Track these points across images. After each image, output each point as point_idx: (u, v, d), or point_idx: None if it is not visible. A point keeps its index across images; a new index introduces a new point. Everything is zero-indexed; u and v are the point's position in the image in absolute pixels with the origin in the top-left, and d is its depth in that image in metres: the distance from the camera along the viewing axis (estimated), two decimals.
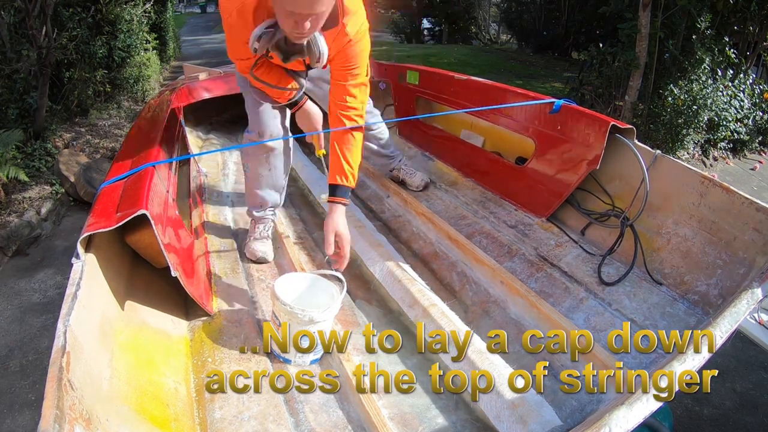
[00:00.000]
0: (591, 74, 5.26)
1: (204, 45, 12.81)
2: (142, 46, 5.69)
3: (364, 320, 1.51)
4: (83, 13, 4.46)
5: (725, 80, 4.77)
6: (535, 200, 1.88)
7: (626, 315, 1.38)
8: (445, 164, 2.40)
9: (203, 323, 1.36)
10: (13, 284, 2.68)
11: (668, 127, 4.47)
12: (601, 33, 7.71)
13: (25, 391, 1.99)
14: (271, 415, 1.10)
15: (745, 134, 5.13)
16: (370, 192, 2.35)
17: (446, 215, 1.99)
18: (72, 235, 3.15)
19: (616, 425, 0.79)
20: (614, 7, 4.95)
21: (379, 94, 3.01)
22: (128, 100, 5.48)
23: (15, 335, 2.30)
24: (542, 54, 10.55)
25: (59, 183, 3.53)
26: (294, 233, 1.96)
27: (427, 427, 1.12)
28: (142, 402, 0.97)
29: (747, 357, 2.22)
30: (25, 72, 3.84)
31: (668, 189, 1.49)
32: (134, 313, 1.21)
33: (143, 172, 1.37)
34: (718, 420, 1.94)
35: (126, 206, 1.18)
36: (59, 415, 0.70)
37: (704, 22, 4.43)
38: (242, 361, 1.25)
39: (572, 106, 1.73)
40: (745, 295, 1.06)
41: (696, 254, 1.40)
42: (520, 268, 1.65)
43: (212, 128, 3.12)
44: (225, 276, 1.61)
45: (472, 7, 12.31)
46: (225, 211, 2.07)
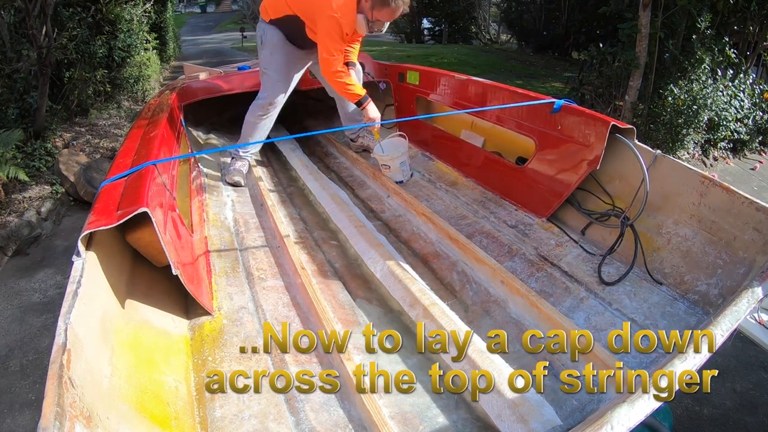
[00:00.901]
0: (591, 74, 5.26)
1: (204, 45, 12.83)
2: (142, 46, 5.69)
3: (364, 320, 1.51)
4: (83, 12, 4.46)
5: (725, 80, 4.77)
6: (535, 200, 1.88)
7: (626, 315, 1.38)
8: (446, 164, 2.40)
9: (204, 322, 1.35)
10: (13, 284, 2.68)
11: (668, 127, 4.47)
12: (601, 33, 7.72)
13: (25, 391, 1.99)
14: (272, 414, 1.10)
15: (745, 134, 5.13)
16: (371, 192, 2.36)
17: (446, 215, 2.00)
18: (72, 234, 3.15)
19: (618, 423, 0.79)
20: (614, 7, 4.95)
21: (379, 94, 3.01)
22: (128, 100, 5.48)
23: (15, 335, 2.30)
24: (542, 54, 10.55)
25: (59, 183, 3.53)
26: (294, 232, 1.96)
27: (427, 426, 1.12)
28: (143, 400, 0.97)
29: (747, 357, 2.22)
30: (25, 72, 3.84)
31: (668, 189, 1.49)
32: (135, 312, 1.21)
33: (144, 170, 1.37)
34: (718, 420, 1.94)
35: (127, 204, 1.18)
36: (60, 412, 0.70)
37: (704, 22, 4.43)
38: (242, 360, 1.25)
39: (572, 106, 1.73)
40: (746, 295, 1.06)
41: (696, 254, 1.40)
42: (521, 268, 1.65)
43: (212, 128, 3.12)
44: (225, 275, 1.61)
45: (472, 7, 12.31)
46: (225, 211, 2.07)
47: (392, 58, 8.03)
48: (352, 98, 2.19)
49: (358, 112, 2.61)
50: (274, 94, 2.36)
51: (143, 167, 1.39)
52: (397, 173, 2.31)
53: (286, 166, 2.83)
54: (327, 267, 1.76)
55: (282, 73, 2.32)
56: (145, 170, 1.38)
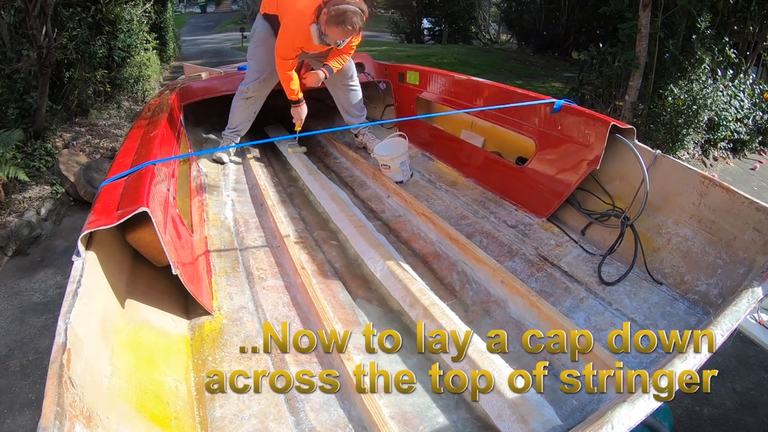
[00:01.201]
0: (591, 74, 5.26)
1: (204, 45, 12.84)
2: (142, 46, 5.70)
3: (364, 320, 1.50)
4: (83, 13, 4.46)
5: (725, 80, 4.78)
6: (535, 200, 1.88)
7: (626, 314, 1.38)
8: (446, 164, 2.40)
9: (204, 322, 1.35)
10: (13, 284, 2.68)
11: (668, 127, 4.47)
12: (601, 33, 7.72)
13: (25, 391, 1.99)
14: (272, 414, 1.10)
15: (745, 134, 5.13)
16: (371, 192, 2.36)
17: (447, 215, 2.00)
18: (72, 234, 3.15)
19: (618, 423, 0.79)
20: (614, 7, 4.95)
21: (379, 94, 3.01)
22: (128, 100, 5.49)
23: (15, 335, 2.30)
24: (542, 54, 10.55)
25: (59, 183, 3.53)
26: (294, 232, 1.96)
27: (427, 426, 1.12)
28: (143, 400, 0.97)
29: (747, 357, 2.22)
30: (25, 72, 3.84)
31: (668, 189, 1.49)
32: (135, 311, 1.21)
33: (144, 170, 1.37)
34: (718, 420, 1.94)
35: (127, 204, 1.18)
36: (60, 412, 0.70)
37: (704, 22, 4.43)
38: (242, 360, 1.25)
39: (572, 106, 1.73)
40: (746, 295, 1.06)
41: (696, 254, 1.40)
42: (521, 268, 1.65)
43: (212, 128, 3.12)
44: (225, 275, 1.61)
45: (472, 7, 12.31)
46: (225, 211, 2.07)
47: (392, 58, 8.03)
48: (287, 95, 2.41)
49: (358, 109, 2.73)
50: (253, 83, 2.51)
51: (143, 167, 1.39)
52: (397, 173, 2.31)
53: (286, 166, 2.83)
54: (327, 267, 1.76)
55: (261, 65, 2.46)
56: (145, 170, 1.38)
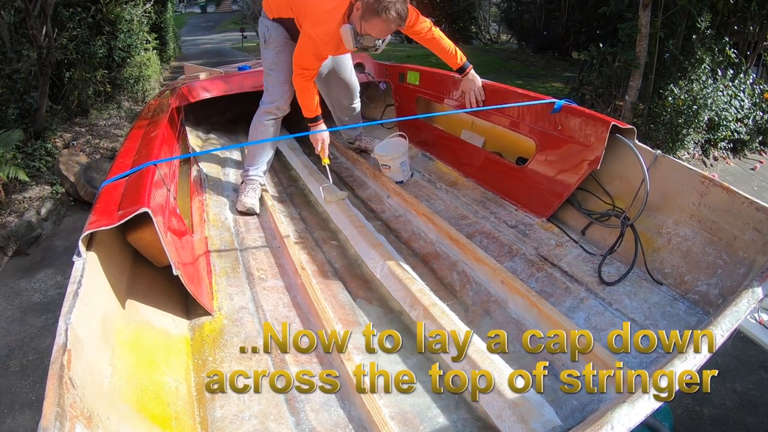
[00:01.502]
0: (591, 74, 5.26)
1: (204, 45, 12.84)
2: (142, 46, 5.70)
3: (364, 320, 1.51)
4: (83, 13, 4.46)
5: (725, 80, 4.77)
6: (535, 200, 1.88)
7: (626, 315, 1.38)
8: (446, 164, 2.40)
9: (204, 322, 1.36)
10: (14, 284, 2.69)
11: (668, 127, 4.47)
12: (602, 33, 7.70)
13: (26, 391, 1.99)
14: (272, 414, 1.10)
15: (745, 134, 5.13)
16: (371, 192, 2.36)
17: (447, 215, 2.00)
18: (72, 234, 3.15)
19: (618, 423, 0.79)
20: (614, 7, 4.95)
21: (380, 94, 3.01)
22: (128, 100, 5.49)
23: (15, 335, 2.30)
24: (542, 54, 10.54)
25: (59, 183, 3.53)
26: (295, 232, 1.96)
27: (427, 426, 1.12)
28: (143, 400, 0.98)
29: (747, 357, 2.22)
30: (26, 72, 3.84)
31: (668, 189, 1.49)
32: (135, 312, 1.21)
33: (144, 170, 1.37)
34: (719, 420, 1.94)
35: (127, 204, 1.19)
36: (60, 412, 0.70)
37: (704, 22, 4.43)
38: (242, 360, 1.25)
39: (573, 106, 1.73)
40: (746, 295, 1.06)
41: (696, 254, 1.40)
42: (521, 268, 1.65)
43: (212, 128, 3.12)
44: (225, 275, 1.61)
45: (472, 7, 12.29)
46: (225, 211, 2.07)
47: (392, 58, 8.03)
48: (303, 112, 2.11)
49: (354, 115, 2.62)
50: (282, 96, 2.18)
51: (144, 167, 1.39)
52: (397, 173, 2.31)
53: (286, 166, 2.83)
54: (327, 267, 1.76)
55: (289, 75, 2.11)
56: (146, 170, 1.38)
